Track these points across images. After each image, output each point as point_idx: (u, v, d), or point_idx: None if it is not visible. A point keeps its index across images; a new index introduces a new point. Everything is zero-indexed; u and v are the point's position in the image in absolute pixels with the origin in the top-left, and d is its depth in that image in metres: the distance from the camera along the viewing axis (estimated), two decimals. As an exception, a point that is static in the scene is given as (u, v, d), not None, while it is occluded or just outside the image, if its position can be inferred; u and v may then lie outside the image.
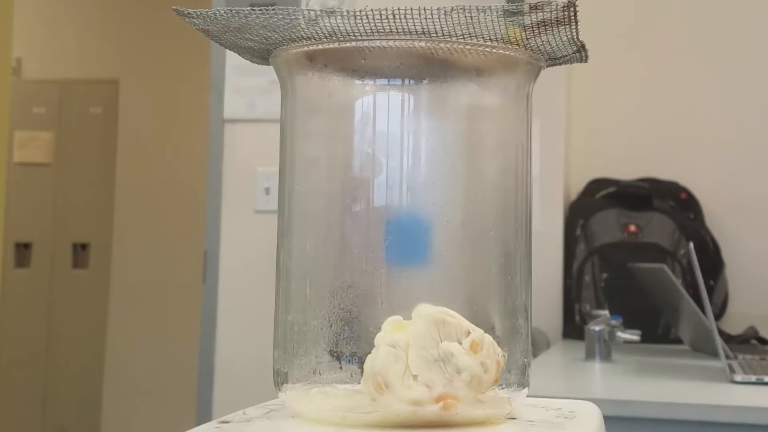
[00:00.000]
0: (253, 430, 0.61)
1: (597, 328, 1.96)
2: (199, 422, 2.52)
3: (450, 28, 0.60)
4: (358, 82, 0.65)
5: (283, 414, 0.65)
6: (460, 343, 0.58)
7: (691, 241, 2.29)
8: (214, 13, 0.64)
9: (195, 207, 4.26)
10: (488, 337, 0.60)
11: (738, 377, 1.62)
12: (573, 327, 2.49)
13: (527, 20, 0.61)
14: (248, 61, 0.72)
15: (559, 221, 2.59)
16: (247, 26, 0.64)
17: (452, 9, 0.59)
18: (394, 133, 0.63)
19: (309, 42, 0.63)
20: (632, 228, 2.53)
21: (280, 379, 0.65)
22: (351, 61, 0.64)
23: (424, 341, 0.58)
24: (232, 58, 2.71)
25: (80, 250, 4.76)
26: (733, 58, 2.76)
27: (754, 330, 2.32)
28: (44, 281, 4.75)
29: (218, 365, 2.70)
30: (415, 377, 0.57)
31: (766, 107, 2.73)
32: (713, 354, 1.99)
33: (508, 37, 0.62)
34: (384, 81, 0.64)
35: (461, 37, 0.61)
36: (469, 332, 0.59)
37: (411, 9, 0.59)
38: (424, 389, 0.57)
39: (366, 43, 0.61)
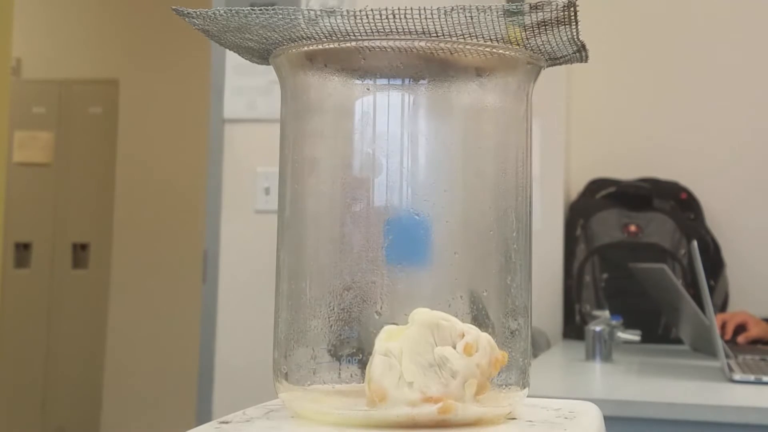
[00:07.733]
0: (253, 430, 0.61)
1: (597, 329, 1.96)
2: (199, 422, 2.52)
3: (450, 28, 0.60)
4: (358, 82, 0.65)
5: (283, 414, 0.65)
6: (455, 347, 0.58)
7: (693, 240, 2.29)
8: (214, 13, 0.64)
9: (195, 207, 4.26)
10: (485, 337, 0.59)
11: (737, 376, 1.62)
12: (573, 327, 2.49)
13: (527, 20, 0.61)
14: (248, 61, 0.72)
15: (559, 221, 2.59)
16: (247, 26, 0.64)
17: (452, 9, 0.59)
18: (394, 133, 0.63)
19: (309, 42, 0.63)
20: (632, 228, 2.53)
21: (280, 379, 0.64)
22: (351, 61, 0.63)
23: (418, 347, 0.58)
24: (232, 58, 2.71)
25: (80, 250, 4.76)
26: (732, 58, 2.76)
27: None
28: (44, 281, 4.75)
29: (218, 365, 2.70)
30: (410, 384, 0.57)
31: (767, 107, 2.73)
32: (713, 354, 1.99)
33: (509, 37, 0.62)
34: (384, 81, 0.64)
35: (461, 37, 0.61)
36: (463, 334, 0.58)
37: (411, 9, 0.59)
38: (419, 396, 0.57)
39: (366, 43, 0.61)
